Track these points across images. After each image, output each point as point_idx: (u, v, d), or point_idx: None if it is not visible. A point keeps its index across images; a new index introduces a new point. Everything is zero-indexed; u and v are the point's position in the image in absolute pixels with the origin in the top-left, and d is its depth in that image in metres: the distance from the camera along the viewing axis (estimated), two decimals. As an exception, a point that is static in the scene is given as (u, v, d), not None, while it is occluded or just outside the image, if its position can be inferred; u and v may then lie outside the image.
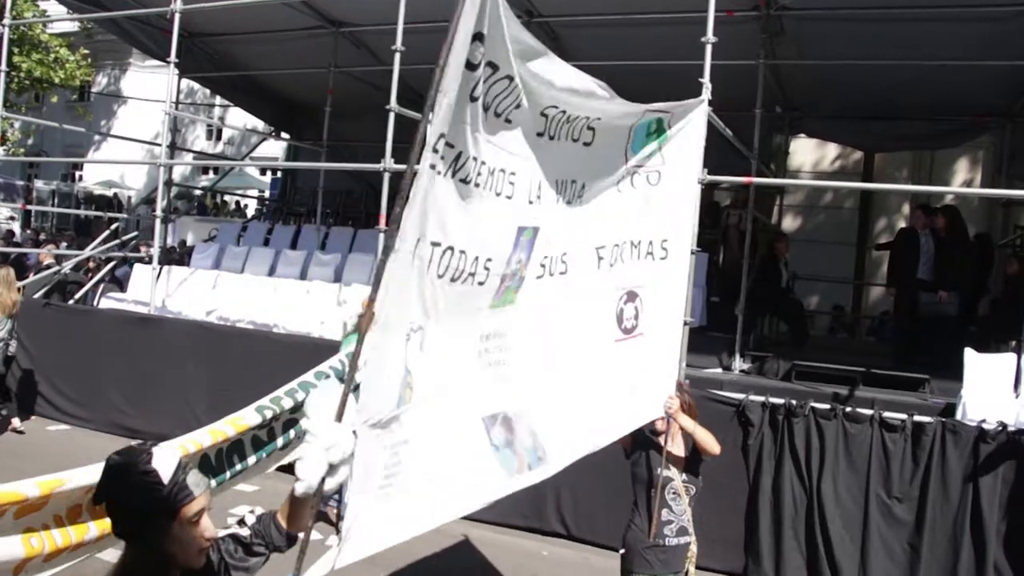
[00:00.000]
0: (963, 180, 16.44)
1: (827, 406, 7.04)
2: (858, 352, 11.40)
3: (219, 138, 31.96)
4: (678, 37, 9.88)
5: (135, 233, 15.45)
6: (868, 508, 6.86)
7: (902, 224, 16.11)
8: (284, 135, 18.06)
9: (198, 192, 24.53)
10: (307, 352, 9.23)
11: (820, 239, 16.07)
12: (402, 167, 9.42)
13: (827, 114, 12.62)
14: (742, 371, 9.40)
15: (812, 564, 7.01)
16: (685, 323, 7.78)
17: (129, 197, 30.40)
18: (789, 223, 16.43)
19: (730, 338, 9.65)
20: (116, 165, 31.74)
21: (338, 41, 13.08)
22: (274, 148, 24.33)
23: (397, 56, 9.00)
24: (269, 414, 4.82)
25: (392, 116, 9.02)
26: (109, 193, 30.64)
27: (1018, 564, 6.68)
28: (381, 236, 9.21)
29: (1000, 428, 6.73)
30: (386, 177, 9.10)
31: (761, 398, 7.23)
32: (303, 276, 11.77)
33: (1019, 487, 6.71)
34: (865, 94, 11.63)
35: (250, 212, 25.29)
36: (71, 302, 12.10)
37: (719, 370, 9.38)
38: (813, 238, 16.08)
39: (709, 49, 7.61)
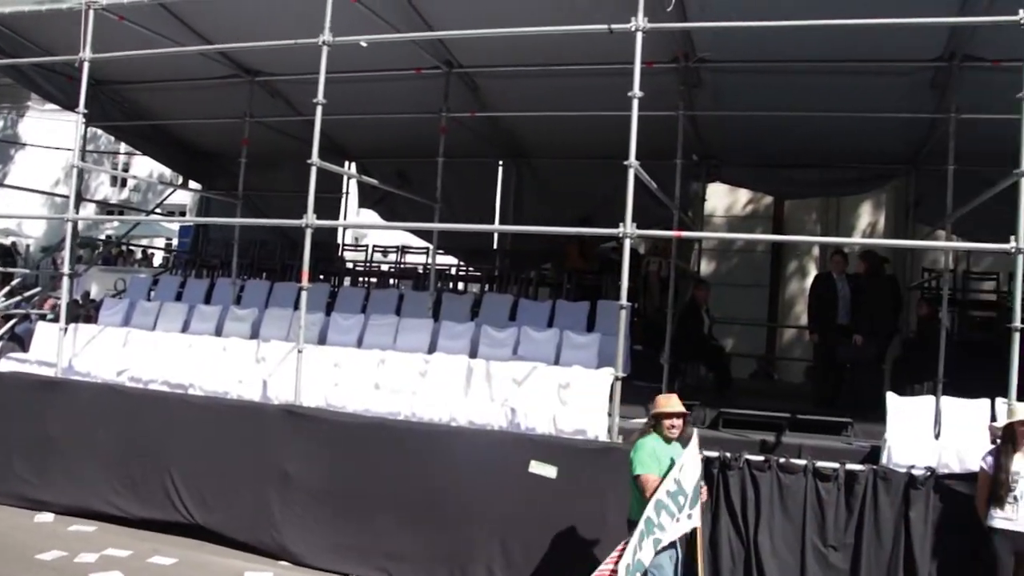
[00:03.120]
0: (868, 223, 17.02)
1: (761, 458, 7.08)
2: (781, 396, 11.55)
3: (124, 185, 31.10)
4: (599, 88, 10.00)
5: (37, 289, 14.83)
6: (805, 558, 6.90)
7: (812, 265, 16.57)
8: (194, 184, 17.60)
9: (102, 240, 23.76)
10: (224, 415, 8.97)
11: (734, 282, 16.37)
12: (324, 223, 9.30)
13: (742, 162, 12.91)
14: (670, 421, 9.39)
15: (753, 615, 6.99)
16: (616, 378, 7.88)
17: (28, 245, 29.30)
18: (705, 267, 16.68)
19: (656, 387, 9.64)
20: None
21: (253, 90, 12.84)
22: (184, 194, 23.80)
23: (319, 109, 8.87)
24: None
25: (314, 170, 8.85)
26: (7, 241, 29.50)
27: (949, 608, 6.81)
28: (304, 294, 9.03)
29: (928, 473, 6.87)
30: (308, 233, 8.90)
31: (696, 452, 7.20)
32: (218, 332, 11.37)
33: (946, 530, 6.86)
34: (778, 143, 11.94)
35: (157, 260, 24.61)
36: (-32, 363, 11.46)
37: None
38: (727, 281, 16.36)
39: (636, 104, 7.67)
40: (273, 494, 8.46)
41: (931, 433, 8.00)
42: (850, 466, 7.03)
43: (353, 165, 15.27)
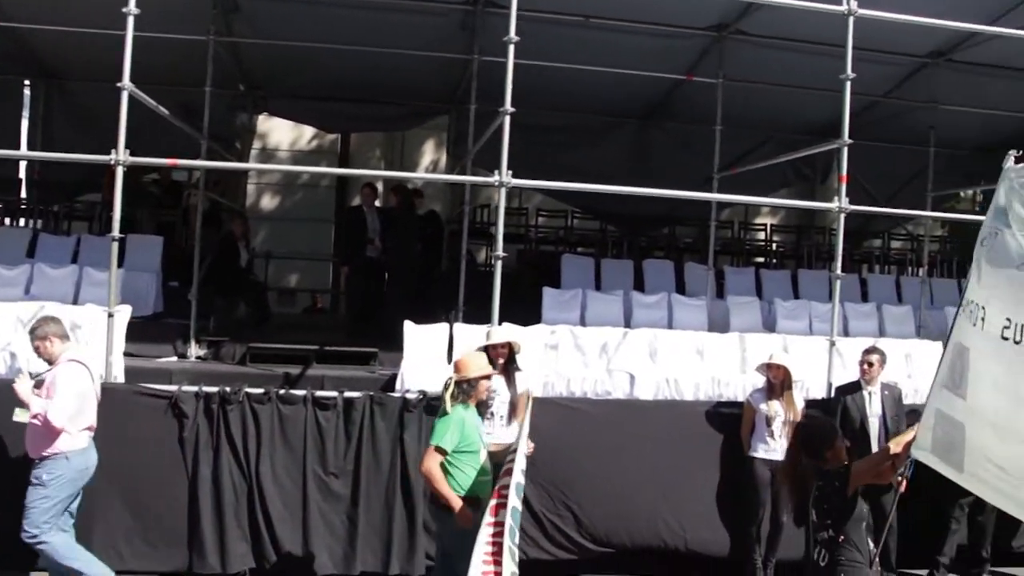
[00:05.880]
0: (431, 160, 17.74)
1: (261, 390, 7.06)
2: (322, 329, 11.74)
3: None
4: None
5: None
6: (307, 487, 7.01)
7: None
8: None
9: None
10: None
11: (298, 217, 16.33)
12: None
13: (290, 94, 12.74)
14: (198, 358, 9.17)
15: (257, 548, 6.97)
16: (110, 315, 7.45)
17: None
18: (269, 201, 16.49)
19: (187, 324, 9.36)
20: None
21: None
22: None
23: None
24: None
25: None
26: None
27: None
28: None
29: (421, 396, 7.26)
30: None
31: (195, 388, 7.04)
32: None
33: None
34: (327, 76, 11.90)
35: None
36: None
37: (174, 359, 9.04)
38: (291, 216, 16.29)
39: (131, 21, 7.18)
40: None
41: (444, 358, 8.52)
42: (348, 394, 7.22)
43: None
